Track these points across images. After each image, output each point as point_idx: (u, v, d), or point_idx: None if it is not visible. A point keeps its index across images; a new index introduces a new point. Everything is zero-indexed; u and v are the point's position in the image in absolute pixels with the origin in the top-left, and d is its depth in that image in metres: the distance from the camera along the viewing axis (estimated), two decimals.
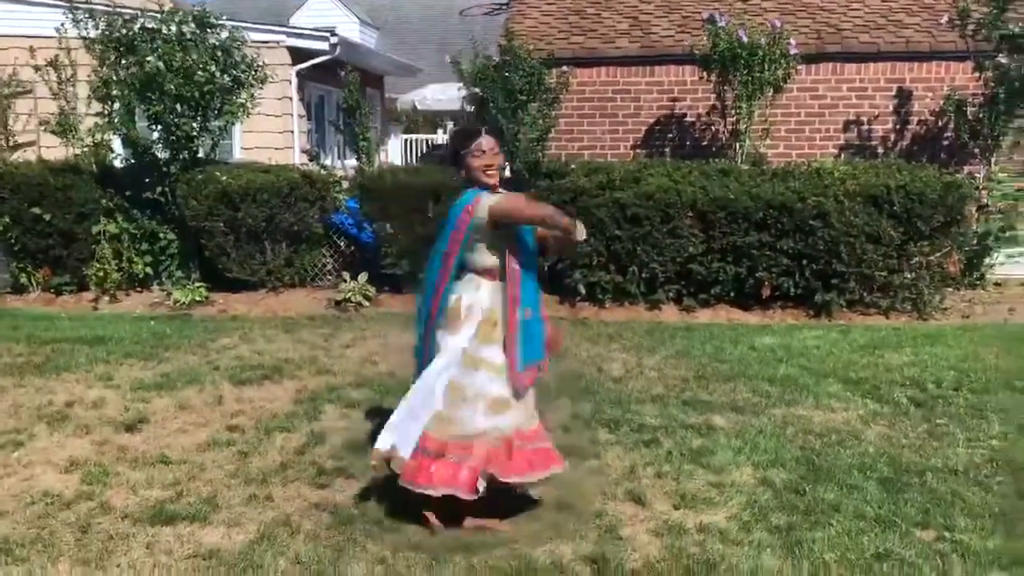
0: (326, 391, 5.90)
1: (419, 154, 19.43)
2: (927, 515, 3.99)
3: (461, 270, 3.91)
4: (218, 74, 9.07)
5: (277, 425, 5.21)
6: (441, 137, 21.19)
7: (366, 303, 8.86)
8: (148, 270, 9.41)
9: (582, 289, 8.78)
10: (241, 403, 5.67)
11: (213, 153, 10.14)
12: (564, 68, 9.59)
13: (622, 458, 4.73)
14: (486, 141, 3.85)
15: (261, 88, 9.71)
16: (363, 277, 9.00)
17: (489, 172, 3.84)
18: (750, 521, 3.94)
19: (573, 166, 9.29)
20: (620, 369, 6.55)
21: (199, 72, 8.81)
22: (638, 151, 10.63)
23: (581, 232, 3.74)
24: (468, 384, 3.80)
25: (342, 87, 9.87)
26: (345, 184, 9.68)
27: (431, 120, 22.02)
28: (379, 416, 5.34)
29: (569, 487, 4.27)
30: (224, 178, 9.06)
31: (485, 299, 3.86)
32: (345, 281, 9.01)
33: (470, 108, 9.89)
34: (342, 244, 9.64)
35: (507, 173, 9.52)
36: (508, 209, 3.81)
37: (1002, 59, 8.80)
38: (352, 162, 10.80)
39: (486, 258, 3.87)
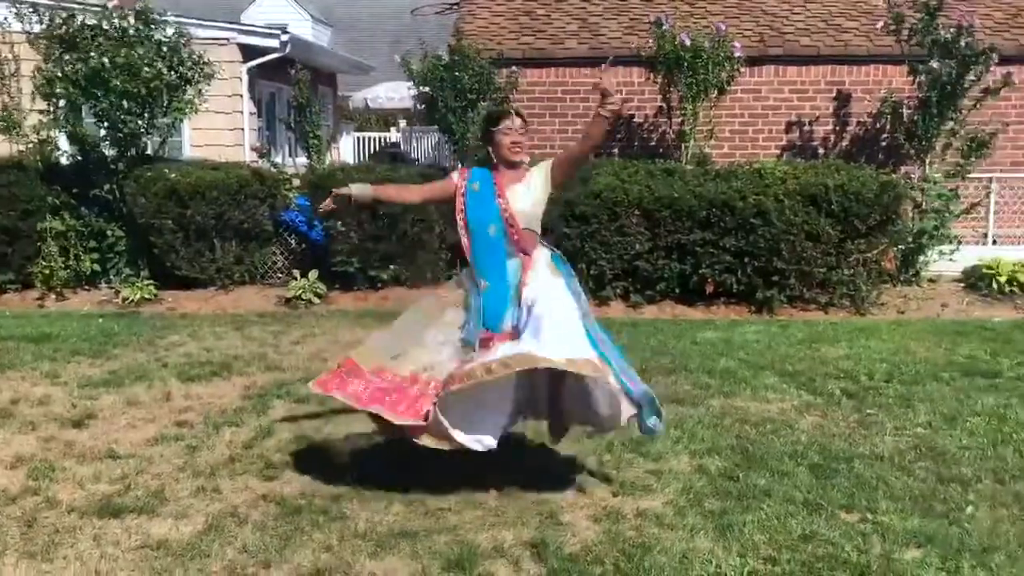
0: (275, 387, 5.95)
1: (371, 152, 19.41)
2: (852, 499, 4.18)
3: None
4: (165, 71, 9.05)
5: (225, 420, 5.26)
6: (394, 135, 21.20)
7: (317, 300, 8.91)
8: (96, 268, 9.35)
9: None
10: (190, 399, 5.71)
11: (162, 150, 10.11)
12: (513, 68, 9.71)
13: (565, 448, 4.86)
14: (515, 121, 4.07)
15: (209, 85, 9.70)
16: (313, 274, 9.04)
17: (515, 149, 4.05)
18: (685, 506, 4.10)
19: None
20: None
21: (145, 69, 8.79)
22: None
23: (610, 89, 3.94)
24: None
25: (293, 85, 9.89)
26: (296, 182, 9.70)
27: (384, 118, 22.02)
28: (328, 410, 5.43)
29: (513, 479, 4.40)
30: (173, 175, 9.04)
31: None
32: (295, 279, 9.05)
33: (420, 107, 9.96)
34: (293, 242, 9.68)
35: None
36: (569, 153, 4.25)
37: (934, 64, 9.10)
38: (303, 160, 10.82)
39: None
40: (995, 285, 9.23)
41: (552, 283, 4.08)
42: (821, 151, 10.57)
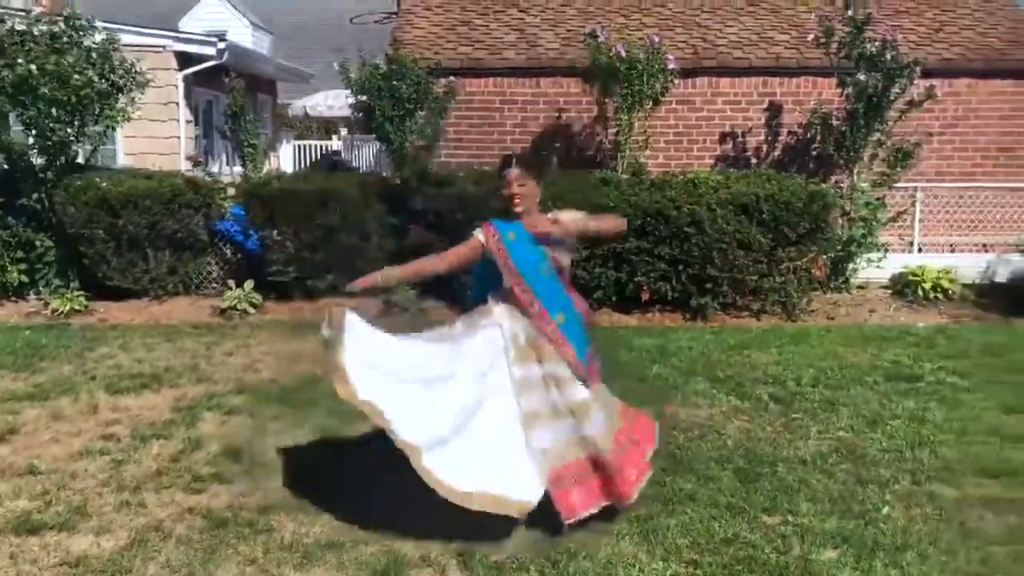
0: (205, 399, 5.89)
1: (311, 160, 19.26)
2: (774, 502, 4.28)
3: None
4: (96, 78, 8.89)
5: (153, 433, 5.19)
6: (336, 143, 21.07)
7: (252, 310, 8.81)
8: (23, 279, 9.13)
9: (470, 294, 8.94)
10: (117, 412, 5.62)
11: (93, 159, 9.92)
12: (451, 78, 9.74)
13: None
14: (512, 172, 3.99)
15: (142, 93, 9.56)
16: (249, 284, 8.94)
17: (514, 200, 3.98)
18: (610, 512, 4.14)
19: (461, 174, 9.46)
20: None
21: (75, 76, 8.62)
22: None
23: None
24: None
25: (227, 92, 9.79)
26: (231, 191, 9.61)
27: (326, 126, 21.88)
28: (259, 421, 5.40)
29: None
30: (104, 184, 8.88)
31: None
32: (231, 289, 8.94)
33: (358, 115, 9.93)
34: (228, 251, 9.56)
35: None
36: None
37: (861, 76, 9.35)
38: (241, 169, 10.70)
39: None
40: (920, 292, 9.51)
41: None
42: (754, 161, 10.78)
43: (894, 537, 3.90)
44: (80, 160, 9.68)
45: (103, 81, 8.99)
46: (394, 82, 9.20)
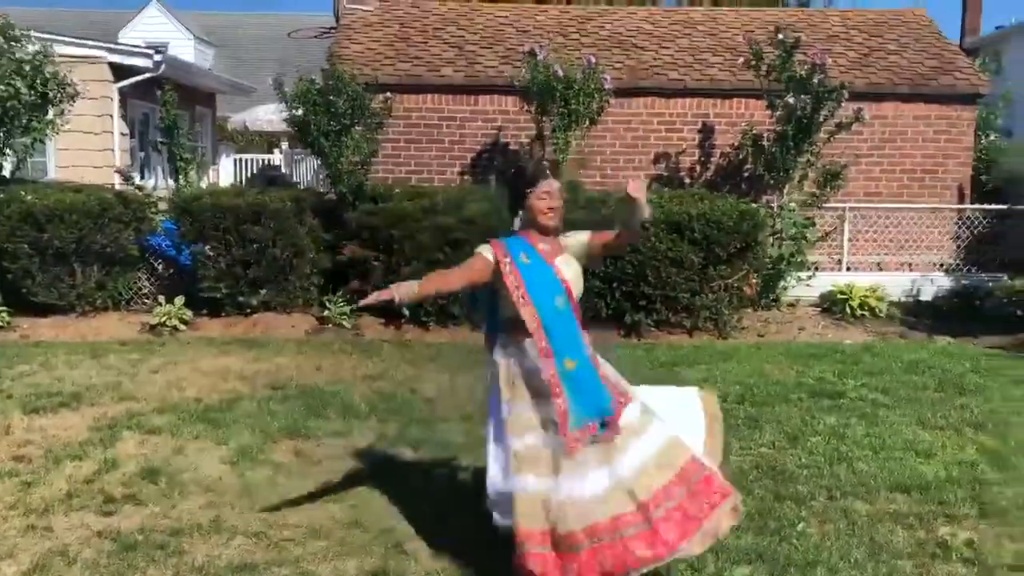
0: (126, 418, 5.76)
1: (248, 174, 19.06)
2: None
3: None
4: (24, 90, 8.70)
5: (68, 454, 5.07)
6: (277, 157, 20.88)
7: (183, 327, 8.66)
8: None
9: (406, 312, 8.92)
10: (31, 432, 5.47)
11: (20, 171, 9.69)
12: (388, 94, 9.73)
13: (423, 476, 4.88)
14: (552, 183, 3.65)
15: (72, 105, 9.38)
16: (180, 300, 8.80)
17: (551, 215, 3.63)
18: None
19: (397, 190, 9.44)
20: (433, 389, 6.71)
21: (1, 87, 8.43)
22: (465, 177, 10.88)
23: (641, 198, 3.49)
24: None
25: (160, 105, 9.65)
26: (163, 205, 9.46)
27: (268, 140, 21.66)
28: (178, 440, 5.30)
29: (363, 506, 4.39)
30: (29, 197, 8.68)
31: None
32: (160, 305, 8.79)
33: (293, 130, 9.86)
34: (160, 267, 9.40)
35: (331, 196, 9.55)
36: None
37: (789, 99, 9.57)
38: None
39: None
40: (848, 309, 9.72)
41: None
42: (688, 181, 10.94)
43: (806, 553, 3.96)
44: (6, 172, 9.45)
45: (32, 92, 8.81)
46: (330, 97, 9.15)
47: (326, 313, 8.92)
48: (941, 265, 10.77)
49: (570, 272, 3.65)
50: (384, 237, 8.90)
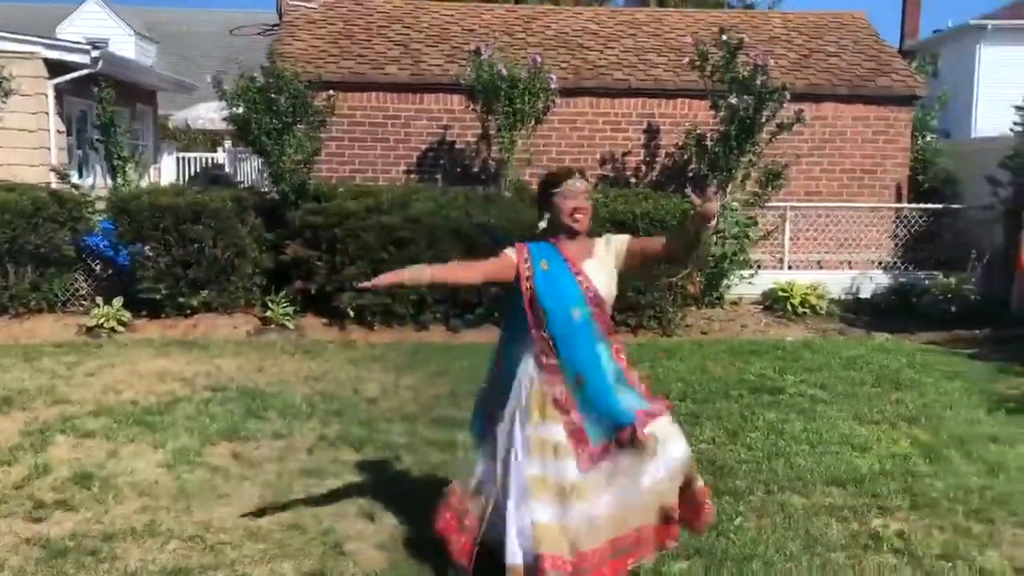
0: (59, 421, 5.62)
1: (191, 173, 18.75)
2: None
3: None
4: None
5: None
6: (221, 156, 20.57)
7: (121, 328, 8.49)
8: None
9: (351, 312, 8.85)
10: None
11: None
12: (331, 92, 9.63)
13: (361, 476, 4.84)
14: (579, 183, 3.50)
15: (5, 102, 9.12)
16: (118, 302, 8.61)
17: (578, 216, 3.47)
18: None
19: (341, 189, 9.36)
20: (377, 390, 6.66)
21: None
22: (410, 176, 10.83)
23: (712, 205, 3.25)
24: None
25: (98, 102, 9.43)
26: (101, 204, 9.25)
27: (212, 139, 21.31)
28: (113, 444, 5.19)
29: (302, 508, 4.34)
30: None
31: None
32: (98, 306, 8.59)
33: (233, 128, 9.72)
34: (97, 267, 9.19)
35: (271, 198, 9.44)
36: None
37: (732, 99, 9.69)
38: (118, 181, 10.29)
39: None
40: (789, 307, 9.88)
41: None
42: (633, 180, 11.02)
43: (743, 547, 4.00)
44: None
45: None
46: (271, 95, 9.04)
47: (268, 313, 8.80)
48: (879, 263, 11.00)
49: (600, 277, 3.48)
50: (327, 236, 8.82)
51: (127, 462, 4.93)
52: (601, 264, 3.51)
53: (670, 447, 3.43)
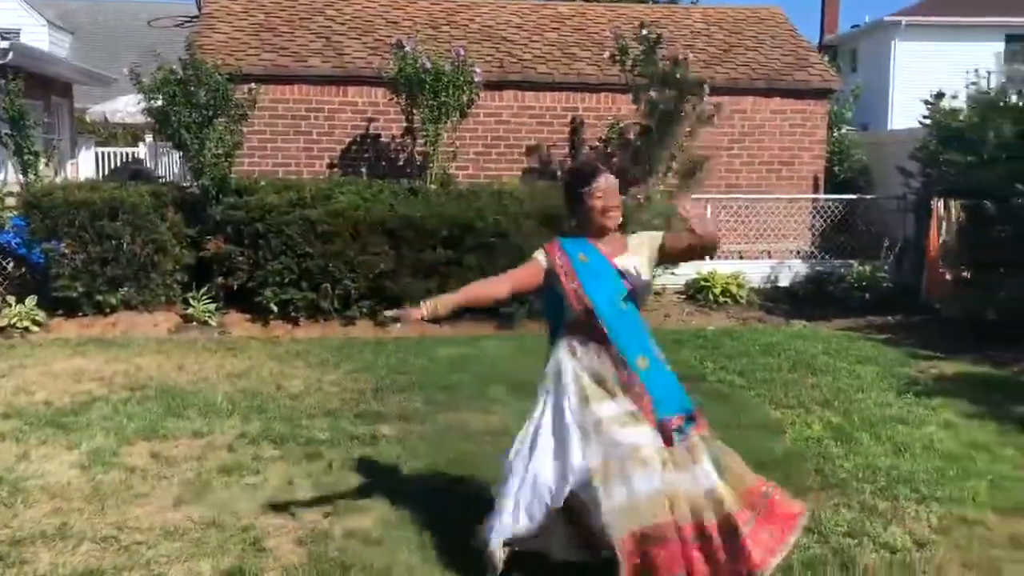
0: None
1: (113, 168, 18.26)
2: None
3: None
4: None
5: None
6: (142, 150, 20.07)
7: (35, 328, 8.25)
8: None
9: (274, 307, 8.75)
10: None
11: None
12: (252, 85, 9.49)
13: (282, 472, 4.81)
14: (609, 180, 3.48)
15: None
16: (31, 301, 8.37)
17: (611, 214, 3.47)
18: (393, 523, 4.17)
19: (263, 183, 9.24)
20: (300, 386, 6.60)
21: None
22: (335, 169, 10.73)
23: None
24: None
25: (4, 95, 9.13)
26: (11, 200, 8.97)
27: (132, 133, 20.78)
28: (24, 446, 5.05)
29: (221, 506, 4.30)
30: None
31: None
32: (9, 306, 8.33)
33: (152, 122, 9.50)
34: (9, 266, 8.90)
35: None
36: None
37: (653, 94, 9.83)
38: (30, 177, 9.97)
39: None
40: (711, 296, 10.10)
41: None
42: (559, 173, 11.08)
43: None
44: None
45: None
46: (191, 88, 8.87)
47: (190, 311, 8.65)
48: (798, 253, 11.30)
49: (637, 270, 3.49)
50: (250, 231, 8.70)
51: (38, 464, 4.81)
52: (637, 257, 3.52)
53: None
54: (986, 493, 4.58)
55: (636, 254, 3.52)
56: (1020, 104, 8.60)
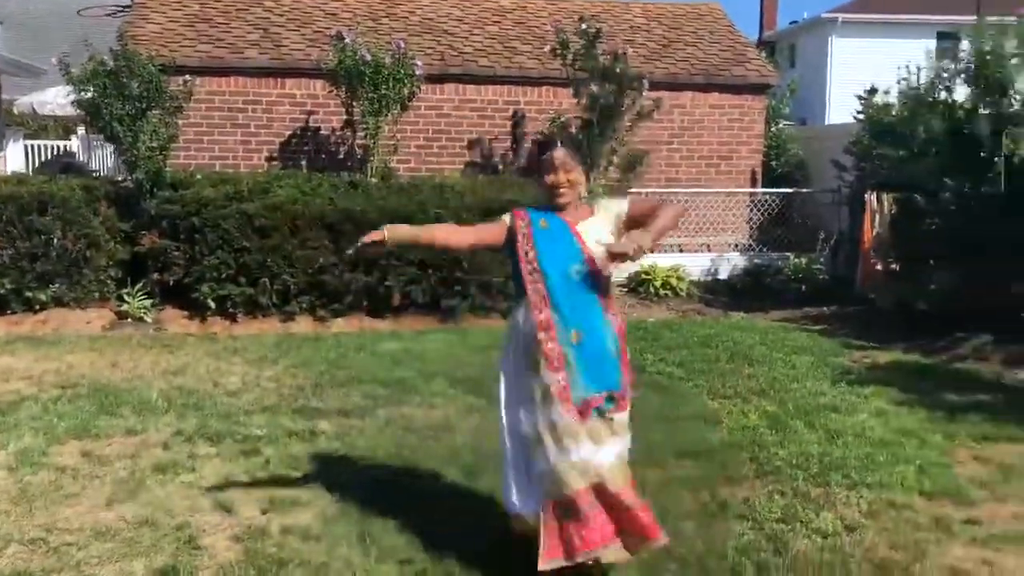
0: None
1: (41, 161, 17.75)
2: (494, 496, 4.41)
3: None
4: None
5: None
6: (74, 143, 19.54)
7: None
8: None
9: (212, 303, 8.60)
10: None
11: None
12: (187, 76, 9.31)
13: (219, 470, 4.74)
14: (556, 154, 3.42)
15: None
16: None
17: (557, 192, 3.42)
18: (332, 518, 4.13)
19: (199, 176, 9.08)
20: (238, 382, 6.50)
21: None
22: (273, 163, 10.60)
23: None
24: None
25: None
26: None
27: (65, 125, 20.21)
28: None
29: (155, 504, 4.22)
30: None
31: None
32: None
33: (83, 114, 9.26)
34: None
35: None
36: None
37: (594, 88, 9.89)
38: None
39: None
40: (652, 289, 10.20)
41: None
42: (500, 167, 11.12)
43: None
44: None
45: None
46: (123, 79, 8.66)
47: (125, 307, 8.47)
48: (736, 246, 11.48)
49: (599, 238, 3.43)
50: (186, 226, 8.54)
51: None
52: (600, 225, 3.48)
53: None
54: (914, 478, 4.71)
55: (600, 225, 3.49)
56: (948, 100, 8.83)
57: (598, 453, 3.36)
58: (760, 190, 11.88)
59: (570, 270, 3.40)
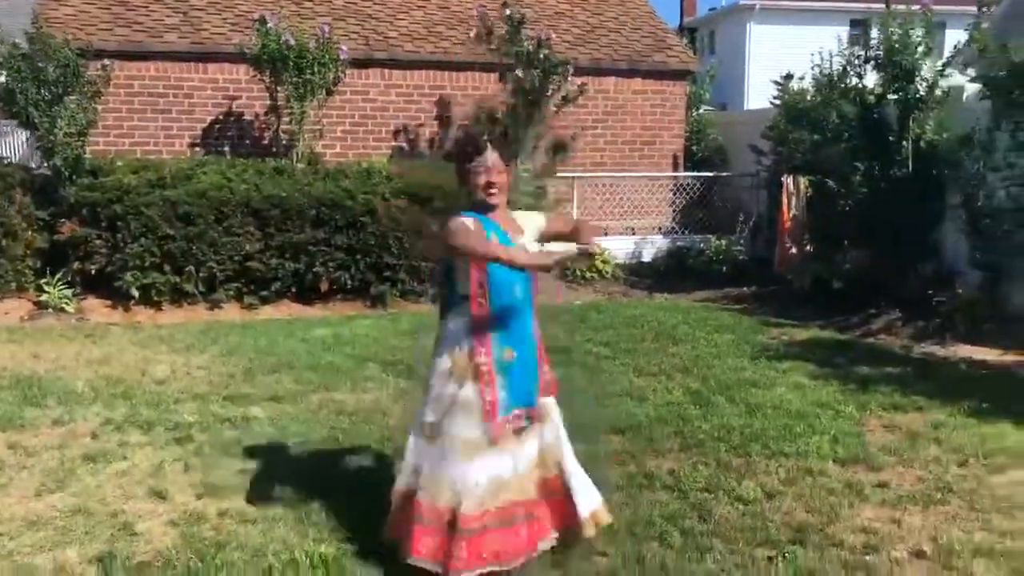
0: None
1: None
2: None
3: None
4: None
5: None
6: None
7: None
8: None
9: (135, 292, 8.47)
10: None
11: None
12: (106, 61, 9.09)
13: (151, 457, 4.72)
14: (491, 156, 3.39)
15: None
16: None
17: (492, 191, 3.39)
18: (268, 500, 4.16)
19: (120, 163, 8.90)
20: (166, 371, 6.45)
21: None
22: (196, 149, 10.43)
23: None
24: None
25: None
26: None
27: None
28: None
29: (87, 493, 4.20)
30: None
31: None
32: None
33: None
34: None
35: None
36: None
37: (519, 72, 9.99)
38: None
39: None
40: (579, 272, 10.37)
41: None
42: (428, 151, 11.14)
43: None
44: None
45: None
46: (38, 64, 8.43)
47: (44, 297, 8.28)
48: (659, 229, 11.74)
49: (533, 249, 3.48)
50: (107, 213, 8.39)
51: None
52: (529, 235, 3.52)
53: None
54: (828, 447, 4.95)
55: (529, 235, 3.53)
56: (859, 86, 9.18)
57: (504, 465, 3.42)
58: (682, 174, 12.16)
59: (513, 289, 3.43)
